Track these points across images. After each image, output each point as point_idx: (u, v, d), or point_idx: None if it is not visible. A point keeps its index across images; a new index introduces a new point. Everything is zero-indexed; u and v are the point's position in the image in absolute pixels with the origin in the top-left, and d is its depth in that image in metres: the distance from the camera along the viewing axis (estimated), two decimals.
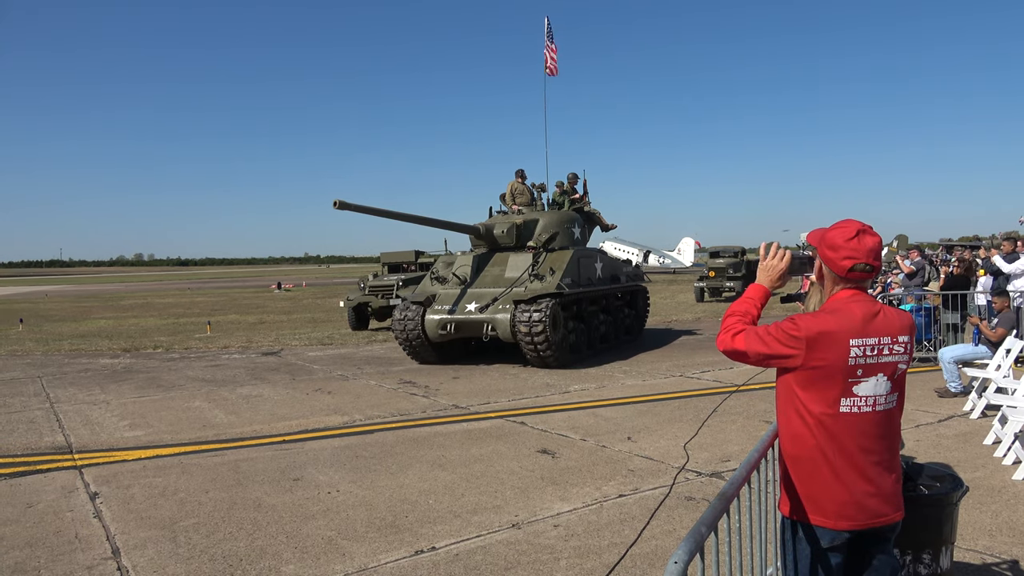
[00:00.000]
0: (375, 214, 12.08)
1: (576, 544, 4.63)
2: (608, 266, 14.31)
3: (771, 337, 2.43)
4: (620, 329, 14.90)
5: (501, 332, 11.58)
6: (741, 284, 26.92)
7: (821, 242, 2.52)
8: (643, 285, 16.32)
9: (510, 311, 11.51)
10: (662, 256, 60.84)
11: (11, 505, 5.72)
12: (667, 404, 8.89)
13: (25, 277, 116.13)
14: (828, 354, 2.36)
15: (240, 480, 6.21)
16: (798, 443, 2.45)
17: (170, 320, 24.54)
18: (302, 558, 4.55)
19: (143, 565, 4.52)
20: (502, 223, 13.39)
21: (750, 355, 2.47)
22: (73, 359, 14.95)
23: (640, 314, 16.07)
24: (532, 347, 11.32)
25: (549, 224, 13.47)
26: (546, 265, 12.35)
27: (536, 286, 11.81)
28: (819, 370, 2.37)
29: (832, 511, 2.41)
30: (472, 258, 13.17)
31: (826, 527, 2.42)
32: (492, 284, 12.38)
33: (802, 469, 2.45)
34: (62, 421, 8.84)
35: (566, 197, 15.12)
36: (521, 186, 14.86)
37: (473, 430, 7.82)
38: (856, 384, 2.39)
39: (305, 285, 52.34)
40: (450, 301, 12.22)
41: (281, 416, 8.82)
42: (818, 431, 2.40)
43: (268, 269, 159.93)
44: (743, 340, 2.49)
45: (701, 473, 6.04)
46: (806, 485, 2.45)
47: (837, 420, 2.40)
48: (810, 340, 2.36)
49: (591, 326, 13.35)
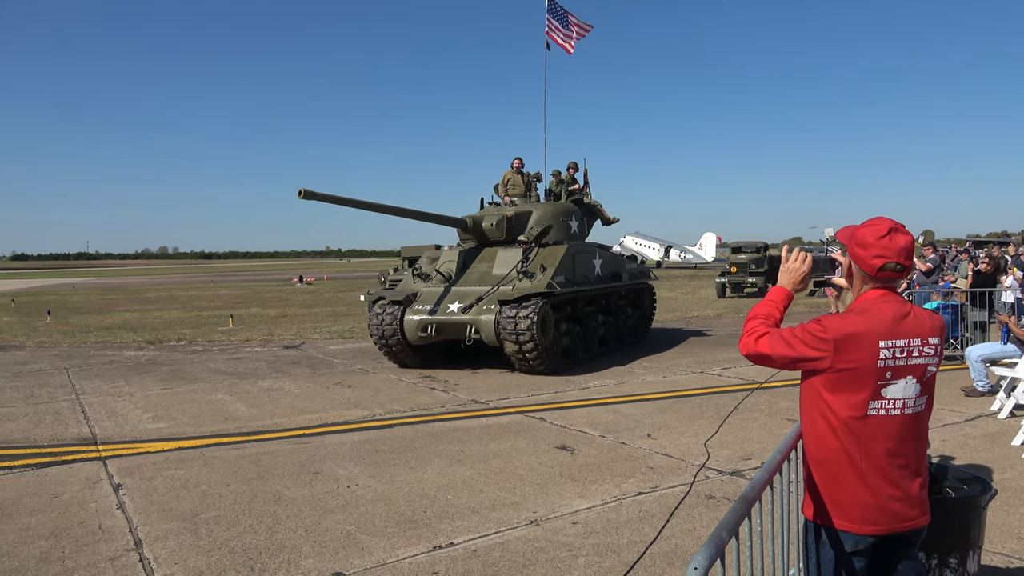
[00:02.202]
0: (343, 204, 10.98)
1: (595, 542, 4.61)
2: (609, 263, 13.33)
3: (797, 339, 2.37)
4: (623, 330, 13.88)
5: (485, 335, 10.59)
6: (763, 280, 26.65)
7: (851, 240, 2.46)
8: (649, 283, 15.35)
9: (495, 312, 10.58)
10: (683, 251, 60.50)
11: (37, 495, 5.81)
12: (687, 401, 8.82)
13: (53, 269, 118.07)
14: (857, 356, 2.31)
15: (261, 473, 6.26)
16: (823, 446, 2.40)
17: (193, 313, 24.82)
18: (321, 552, 4.58)
19: (164, 557, 4.56)
20: (491, 215, 12.40)
21: (775, 358, 2.42)
22: (98, 351, 15.17)
23: (646, 314, 15.18)
24: (518, 352, 10.33)
25: (543, 217, 12.55)
26: (537, 261, 11.30)
27: (524, 284, 10.82)
28: (847, 372, 2.32)
29: (857, 515, 2.36)
30: (458, 253, 12.08)
31: (850, 531, 2.37)
32: (478, 282, 11.38)
33: (826, 472, 2.40)
34: (87, 412, 8.97)
35: (564, 187, 14.10)
36: (516, 176, 13.65)
37: (492, 425, 7.81)
38: (885, 387, 2.33)
39: (326, 279, 52.67)
40: (432, 300, 11.22)
41: (302, 409, 8.88)
42: (844, 434, 2.35)
43: (290, 262, 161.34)
44: (767, 343, 2.43)
45: (722, 471, 5.98)
46: (830, 488, 2.40)
47: (864, 423, 2.34)
48: (838, 342, 2.31)
49: (588, 328, 12.34)
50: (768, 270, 27.06)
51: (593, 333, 12.54)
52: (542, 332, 10.30)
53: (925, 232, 36.41)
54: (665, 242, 62.17)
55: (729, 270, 27.08)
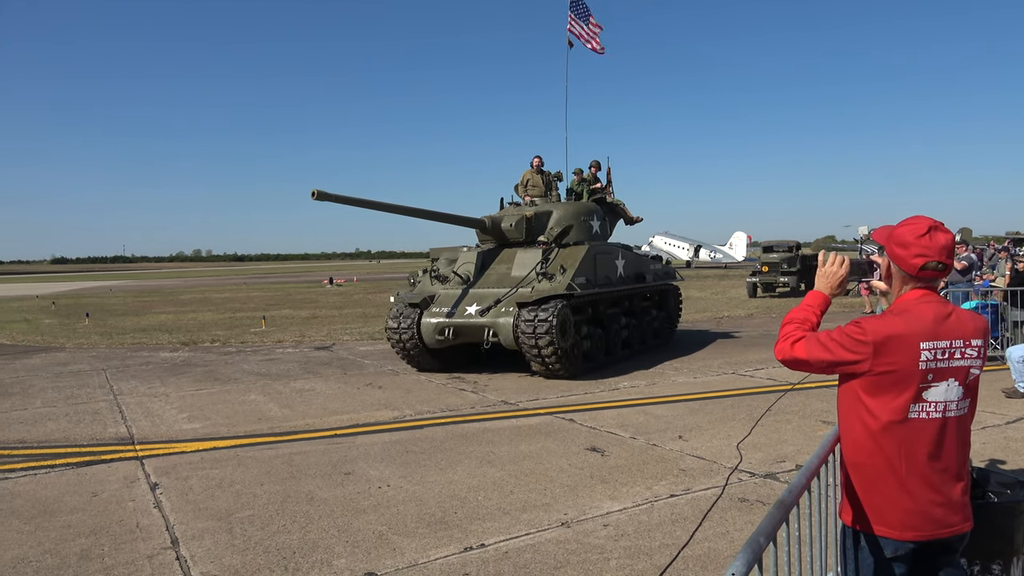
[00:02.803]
0: (357, 204, 10.75)
1: (626, 544, 4.58)
2: (632, 263, 12.89)
3: (835, 343, 2.33)
4: (647, 333, 13.48)
5: (503, 338, 10.32)
6: (795, 279, 26.27)
7: (889, 239, 2.40)
8: (674, 284, 14.88)
9: (513, 314, 10.28)
10: (713, 251, 59.99)
11: (78, 493, 5.94)
12: (719, 402, 8.73)
13: (91, 273, 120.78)
14: (897, 359, 2.25)
15: (293, 473, 6.32)
16: (862, 450, 2.35)
17: (227, 314, 25.19)
18: (353, 552, 4.61)
19: (201, 555, 4.63)
20: (510, 216, 12.08)
21: (812, 363, 2.37)
22: (135, 352, 15.47)
23: (671, 316, 14.76)
24: (537, 355, 10.05)
25: (564, 216, 12.17)
26: (557, 263, 10.98)
27: (544, 286, 10.51)
28: (888, 375, 2.27)
29: (897, 521, 2.31)
30: (476, 255, 11.81)
31: (890, 537, 2.32)
32: (496, 284, 11.10)
33: (866, 477, 2.35)
34: (125, 413, 9.15)
35: (585, 186, 13.71)
36: (536, 175, 13.30)
37: (522, 426, 7.81)
38: (927, 389, 2.28)
39: (356, 280, 53.13)
40: (450, 303, 10.97)
41: (333, 410, 8.96)
42: (884, 438, 2.30)
43: (320, 264, 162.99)
44: (803, 347, 2.39)
45: (755, 474, 5.90)
46: (870, 494, 2.35)
47: (905, 427, 2.29)
48: (877, 344, 2.26)
49: (610, 331, 12.02)
50: (800, 269, 26.67)
51: (616, 336, 12.23)
52: (562, 335, 10.05)
53: (962, 230, 35.64)
54: (695, 241, 61.69)
55: (760, 269, 26.73)
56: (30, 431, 8.28)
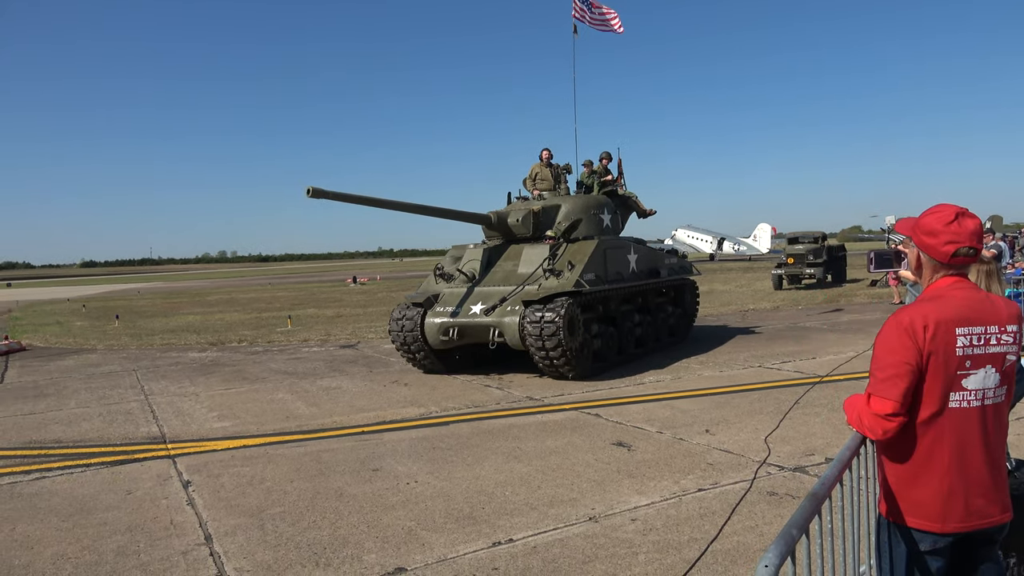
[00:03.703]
0: (354, 201, 10.41)
1: (655, 539, 4.57)
2: (645, 258, 12.38)
3: (894, 357, 2.25)
4: (662, 330, 12.94)
5: (509, 338, 9.95)
6: (822, 271, 25.93)
7: (916, 230, 2.38)
8: (691, 279, 14.30)
9: (519, 313, 9.93)
10: (737, 243, 59.42)
11: (113, 492, 6.05)
12: (746, 396, 8.67)
13: (120, 275, 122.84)
14: (936, 345, 2.22)
15: (322, 470, 6.39)
16: (901, 442, 2.32)
17: (253, 315, 25.47)
18: (383, 547, 4.65)
19: (234, 551, 4.71)
20: (517, 210, 11.68)
21: (901, 394, 2.25)
22: (164, 353, 15.71)
23: (688, 312, 14.17)
24: (544, 355, 9.69)
25: (572, 210, 11.75)
26: (565, 258, 10.56)
27: (551, 283, 10.13)
28: (927, 363, 2.24)
29: (935, 512, 2.28)
30: (482, 251, 11.42)
31: (928, 530, 2.29)
32: (502, 282, 10.73)
33: (905, 469, 2.33)
34: (156, 412, 9.30)
35: (596, 179, 13.20)
36: (544, 168, 12.81)
37: (548, 422, 7.81)
38: (965, 377, 2.25)
39: (379, 279, 53.44)
40: (454, 302, 10.64)
41: (360, 408, 9.04)
42: (923, 429, 2.27)
43: (343, 263, 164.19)
44: (877, 399, 2.28)
45: (784, 468, 5.86)
46: (909, 486, 2.32)
47: (944, 417, 2.26)
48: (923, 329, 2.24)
49: (623, 329, 11.53)
50: (827, 260, 26.33)
51: (628, 334, 11.77)
52: (569, 334, 9.65)
53: (992, 217, 34.92)
54: (718, 234, 61.15)
55: (786, 261, 26.42)
56: (65, 431, 8.45)
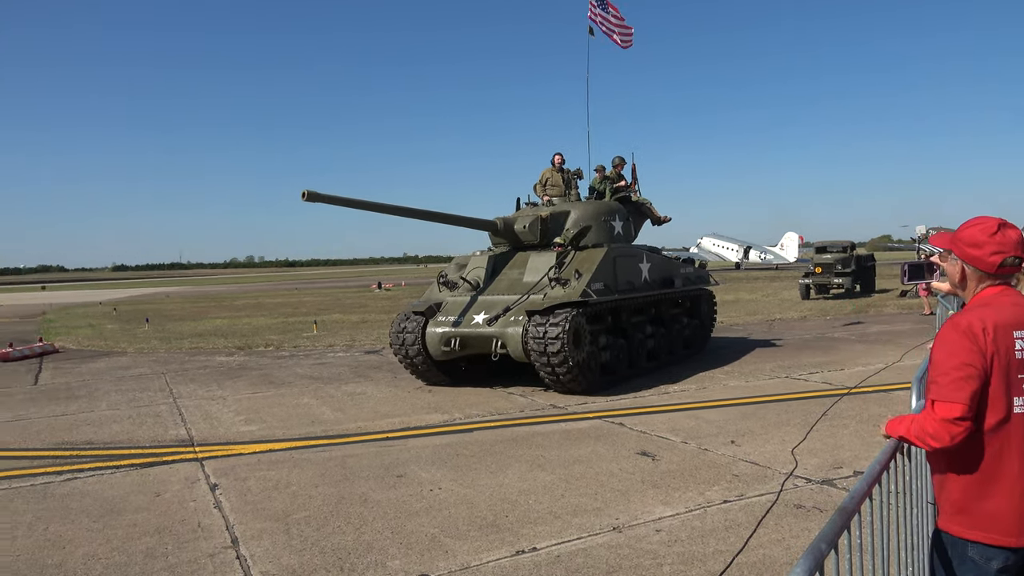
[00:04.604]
0: (350, 205, 9.98)
1: (680, 550, 4.53)
2: (659, 267, 11.91)
3: (957, 359, 2.19)
4: (676, 342, 12.46)
5: (512, 349, 9.55)
6: (850, 280, 25.61)
7: (957, 242, 2.38)
8: (708, 288, 13.84)
9: (523, 324, 9.54)
10: (764, 252, 58.94)
11: (142, 493, 6.15)
12: (772, 407, 8.57)
13: (150, 279, 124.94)
14: (998, 346, 2.19)
15: (347, 475, 6.44)
16: (966, 450, 2.25)
17: (280, 319, 25.75)
18: (407, 553, 4.67)
19: (260, 555, 4.75)
20: (524, 217, 11.26)
21: (969, 396, 2.18)
22: (193, 356, 15.93)
23: (704, 323, 13.69)
24: (548, 369, 9.27)
25: (582, 217, 11.29)
26: (572, 267, 10.15)
27: (556, 293, 9.69)
28: (991, 365, 2.20)
29: (1005, 526, 2.20)
30: (488, 259, 11.10)
31: (1001, 545, 2.21)
32: (507, 290, 10.33)
33: (972, 480, 2.25)
34: (184, 415, 9.43)
35: (608, 184, 12.84)
36: (556, 174, 12.39)
37: (571, 430, 7.80)
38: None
39: (404, 284, 53.73)
40: (456, 311, 10.27)
41: (384, 413, 9.09)
42: (989, 436, 2.22)
43: (369, 269, 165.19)
44: (943, 404, 2.20)
45: (811, 480, 5.79)
46: (977, 497, 2.24)
47: (1011, 423, 2.21)
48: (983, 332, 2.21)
49: (634, 341, 11.08)
50: (855, 270, 25.99)
51: (640, 346, 11.28)
52: (575, 346, 9.22)
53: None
54: (744, 243, 60.70)
55: (813, 271, 26.14)
56: (96, 432, 8.60)
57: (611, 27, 15.19)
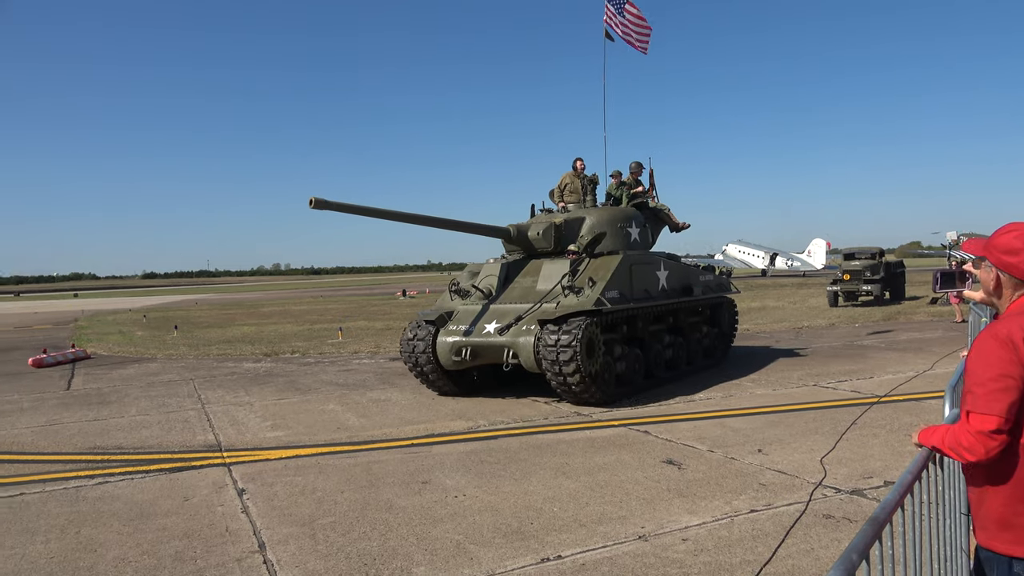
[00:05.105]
0: (359, 213, 9.85)
1: (706, 560, 4.49)
2: (677, 274, 11.65)
3: (994, 370, 2.15)
4: (695, 352, 12.24)
5: (524, 359, 9.35)
6: (879, 287, 25.23)
7: (992, 249, 2.34)
8: (728, 296, 13.55)
9: (535, 333, 9.35)
10: (790, 258, 58.26)
11: (171, 498, 6.23)
12: (800, 415, 8.47)
13: (178, 287, 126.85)
14: None
15: (372, 481, 6.47)
16: (1003, 463, 2.20)
17: (305, 326, 25.97)
18: (432, 560, 4.68)
19: (286, 560, 4.79)
20: (538, 223, 11.08)
21: (1006, 408, 2.14)
22: (221, 363, 16.13)
23: (725, 332, 13.41)
24: (560, 379, 9.04)
25: (597, 223, 11.07)
26: (586, 275, 9.91)
27: (569, 301, 9.50)
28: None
29: None
30: (500, 266, 10.90)
31: None
32: (520, 299, 10.17)
33: (1010, 494, 2.21)
34: (212, 421, 9.55)
35: (624, 190, 12.61)
36: (575, 180, 12.14)
37: (596, 438, 7.76)
38: None
39: (428, 292, 53.93)
40: (468, 320, 10.09)
41: (409, 420, 9.12)
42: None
43: (393, 277, 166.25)
44: (978, 416, 2.15)
45: (840, 490, 5.70)
46: (1016, 512, 2.19)
47: None
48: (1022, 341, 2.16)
49: (651, 350, 10.85)
50: (884, 277, 25.61)
51: (657, 356, 11.05)
52: (587, 357, 8.97)
53: None
54: (770, 249, 60.07)
55: (842, 278, 25.79)
56: (127, 437, 8.74)
57: (628, 31, 14.84)
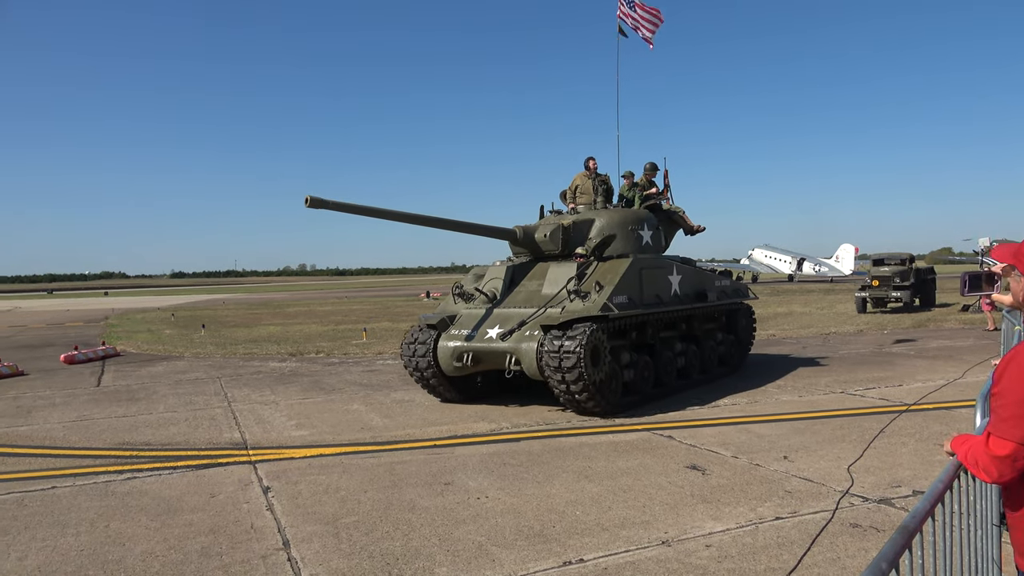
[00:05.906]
0: (357, 212, 9.53)
1: (730, 567, 4.45)
2: (691, 280, 11.24)
3: (1020, 394, 2.10)
4: (710, 360, 11.82)
5: (526, 366, 9.01)
6: (909, 294, 24.82)
7: (1023, 258, 2.28)
8: (744, 303, 13.07)
9: (538, 339, 9.02)
10: (818, 264, 57.55)
11: (198, 494, 6.32)
12: (827, 423, 8.36)
13: (206, 286, 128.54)
14: None
15: (395, 482, 6.50)
16: None
17: (330, 327, 26.18)
18: (454, 561, 4.69)
19: (310, 558, 4.83)
20: (546, 225, 10.76)
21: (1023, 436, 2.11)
22: (247, 362, 16.31)
23: (741, 339, 12.91)
24: (563, 387, 8.71)
25: (607, 225, 10.69)
26: (593, 279, 9.57)
27: (575, 306, 9.12)
28: None
29: None
30: (506, 269, 10.54)
31: None
32: (524, 303, 9.79)
33: None
34: (238, 419, 9.66)
35: (637, 191, 12.20)
36: (588, 181, 11.75)
37: (619, 442, 7.73)
38: None
39: None
40: (471, 324, 9.77)
41: (431, 421, 9.16)
42: None
43: (417, 278, 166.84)
44: (996, 440, 2.12)
45: (868, 499, 5.62)
46: None
47: None
48: None
49: (662, 358, 10.48)
50: (914, 283, 25.20)
51: (669, 364, 10.66)
52: (592, 364, 8.62)
53: None
54: (798, 254, 59.40)
55: (870, 284, 25.42)
56: (155, 434, 8.87)
57: (639, 21, 14.26)
